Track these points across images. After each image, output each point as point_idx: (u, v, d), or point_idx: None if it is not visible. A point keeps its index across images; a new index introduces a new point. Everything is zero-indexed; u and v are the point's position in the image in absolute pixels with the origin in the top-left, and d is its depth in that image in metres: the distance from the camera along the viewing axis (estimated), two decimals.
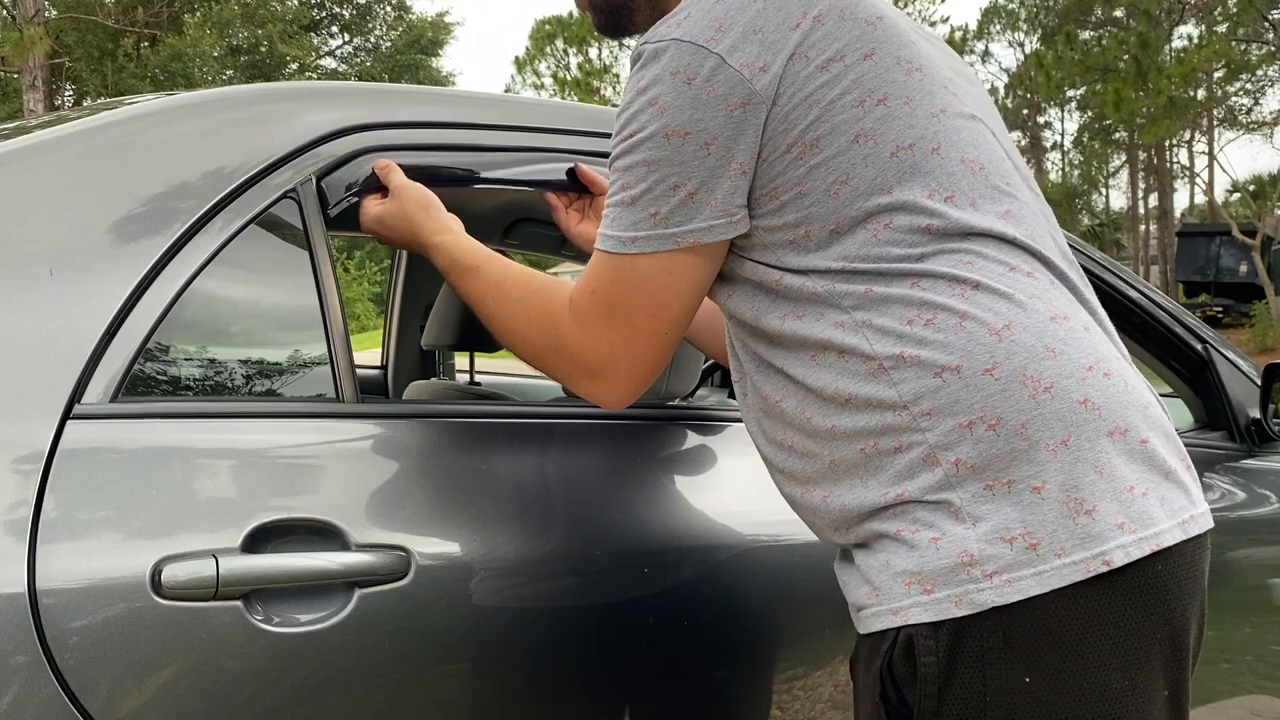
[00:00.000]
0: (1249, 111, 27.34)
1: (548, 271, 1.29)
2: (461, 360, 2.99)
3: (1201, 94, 22.72)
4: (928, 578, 0.86)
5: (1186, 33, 24.18)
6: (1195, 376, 1.86)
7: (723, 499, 1.30)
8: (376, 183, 1.22)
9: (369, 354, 3.31)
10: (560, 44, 29.55)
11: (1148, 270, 32.26)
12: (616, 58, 26.99)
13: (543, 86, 30.20)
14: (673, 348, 1.00)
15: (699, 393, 2.74)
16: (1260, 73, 24.74)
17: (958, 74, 1.00)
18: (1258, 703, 1.76)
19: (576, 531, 1.19)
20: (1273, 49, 21.79)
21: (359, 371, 1.79)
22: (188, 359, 1.13)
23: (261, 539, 1.02)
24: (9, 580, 0.92)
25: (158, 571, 0.97)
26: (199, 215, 1.11)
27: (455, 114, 1.34)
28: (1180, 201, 39.20)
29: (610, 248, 0.96)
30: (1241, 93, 26.38)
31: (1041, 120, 40.76)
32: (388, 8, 24.87)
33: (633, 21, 1.11)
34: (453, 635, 1.10)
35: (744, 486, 1.26)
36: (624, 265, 0.96)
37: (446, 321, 2.18)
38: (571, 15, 27.59)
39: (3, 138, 1.17)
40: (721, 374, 3.13)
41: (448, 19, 26.07)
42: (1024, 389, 0.86)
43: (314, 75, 22.98)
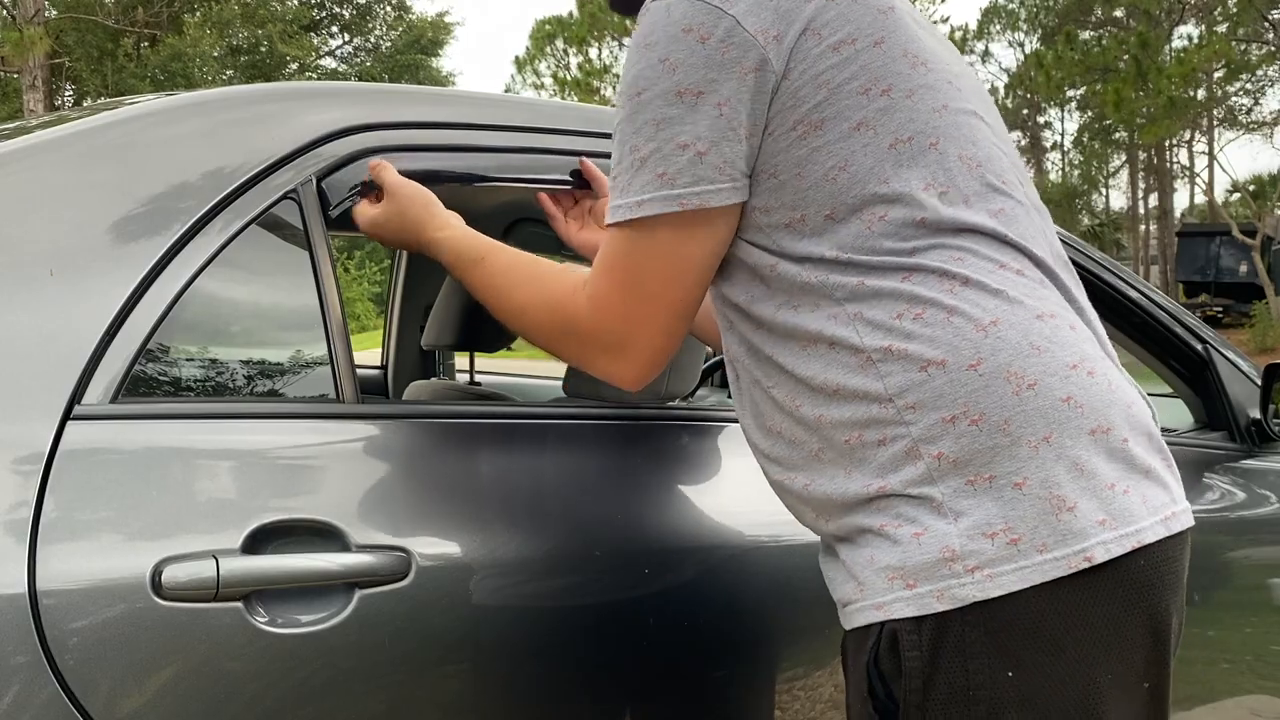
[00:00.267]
0: (1249, 111, 27.34)
1: None
2: (461, 360, 2.99)
3: (1201, 94, 22.71)
4: (910, 573, 0.87)
5: (1186, 33, 24.18)
6: (1195, 376, 1.86)
7: (723, 499, 1.30)
8: (371, 186, 1.22)
9: (369, 354, 3.31)
10: (560, 44, 29.54)
11: (1148, 270, 32.26)
12: (616, 58, 27.00)
13: (543, 86, 30.21)
14: (687, 321, 0.99)
15: (699, 393, 2.75)
16: (1260, 73, 24.73)
17: (960, 71, 1.00)
18: (1258, 703, 1.76)
19: (576, 532, 1.19)
20: (1273, 49, 21.79)
21: (359, 371, 1.79)
22: (188, 359, 1.13)
23: (262, 540, 1.02)
24: (9, 581, 0.92)
25: (158, 572, 0.97)
26: (199, 215, 1.11)
27: (456, 114, 1.34)
28: (1180, 201, 39.23)
29: (620, 217, 0.95)
30: (1241, 93, 26.38)
31: (1041, 120, 40.76)
32: (388, 8, 24.86)
33: None
34: (453, 636, 1.10)
35: (744, 487, 1.26)
36: (635, 235, 0.95)
37: (446, 321, 2.18)
38: (571, 15, 27.60)
39: (3, 138, 1.17)
40: (721, 374, 3.13)
41: (448, 19, 26.05)
42: (1007, 385, 0.87)
43: (314, 75, 22.98)
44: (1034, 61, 25.01)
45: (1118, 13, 27.79)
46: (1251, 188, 29.77)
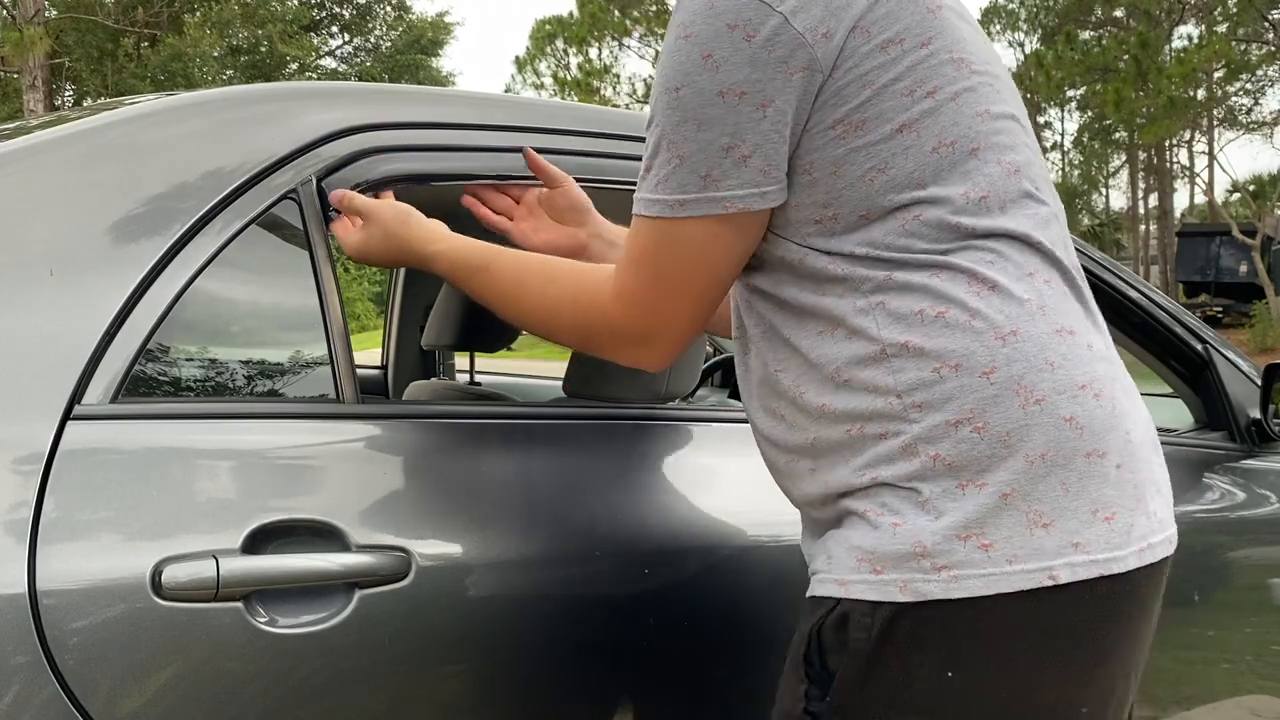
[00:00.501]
0: (1249, 111, 27.37)
1: None
2: (461, 360, 2.99)
3: (1201, 94, 22.73)
4: (879, 559, 0.87)
5: (1186, 33, 24.21)
6: (1195, 376, 1.86)
7: (723, 499, 1.30)
8: (336, 212, 1.20)
9: (369, 354, 3.31)
10: (560, 44, 29.53)
11: (1148, 270, 32.25)
12: (616, 58, 27.02)
13: (543, 86, 30.20)
14: (716, 304, 0.98)
15: (699, 393, 2.75)
16: (1260, 73, 24.76)
17: (998, 72, 0.98)
18: (1258, 703, 1.76)
19: (577, 532, 1.19)
20: (1273, 49, 21.80)
21: (359, 371, 1.79)
22: (188, 360, 1.13)
23: (262, 540, 1.02)
24: (9, 581, 0.92)
25: (158, 572, 0.97)
26: (199, 216, 1.11)
27: (455, 114, 1.34)
28: (1180, 201, 39.24)
29: (658, 212, 0.92)
30: (1241, 93, 26.41)
31: (1041, 120, 40.75)
32: (388, 8, 24.87)
33: None
34: (453, 636, 1.10)
35: (744, 486, 1.26)
36: (669, 231, 0.92)
37: (446, 321, 2.18)
38: (571, 15, 27.60)
39: (3, 138, 1.17)
40: (722, 374, 3.13)
41: (448, 19, 26.06)
42: (1016, 398, 0.86)
43: (314, 75, 22.98)
44: (1034, 61, 25.01)
45: (1118, 13, 27.79)
46: (1251, 188, 29.79)
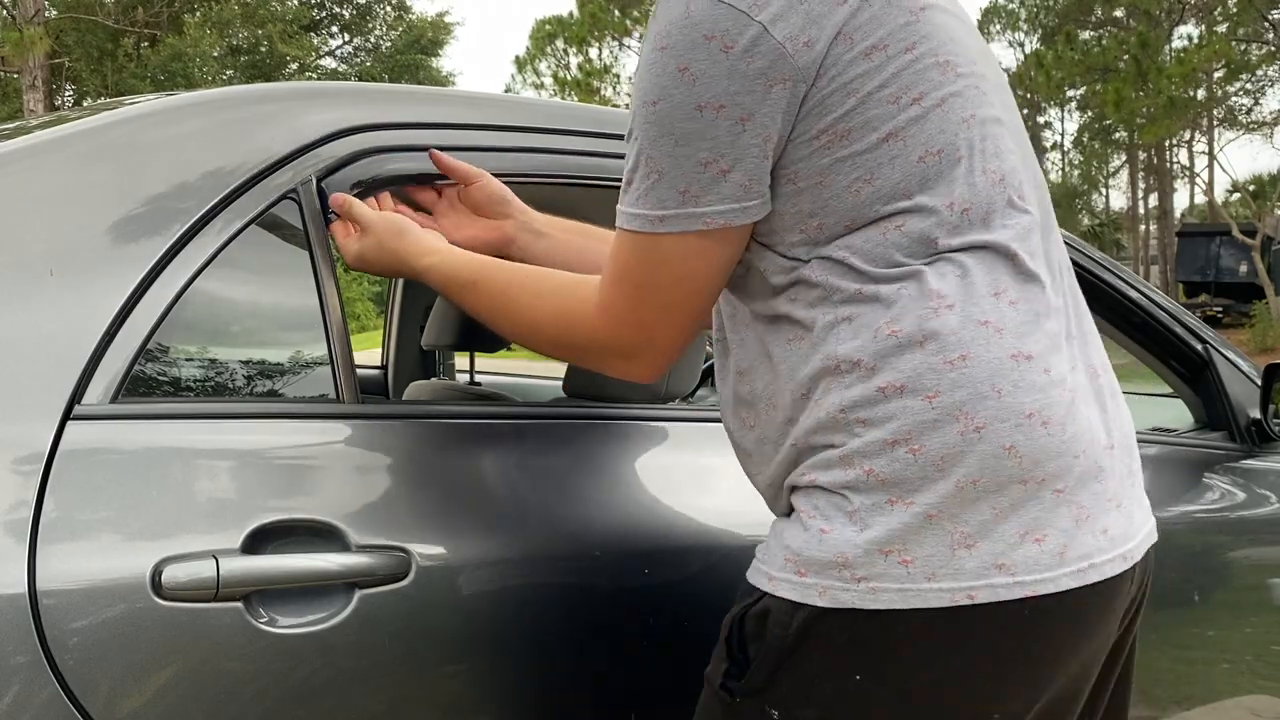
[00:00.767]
0: (1249, 111, 27.36)
1: None
2: (461, 360, 2.99)
3: (1201, 94, 22.73)
4: (804, 562, 0.89)
5: (1186, 33, 24.20)
6: (1195, 376, 1.86)
7: (723, 499, 1.30)
8: (335, 215, 1.19)
9: (369, 354, 3.31)
10: (560, 44, 29.52)
11: (1148, 270, 32.25)
12: (616, 58, 27.02)
13: (543, 86, 30.19)
14: (705, 315, 0.98)
15: (699, 393, 2.75)
16: (1260, 73, 24.75)
17: (984, 71, 0.96)
18: (1258, 703, 1.76)
19: (576, 532, 1.19)
20: (1273, 49, 21.79)
21: (359, 371, 1.79)
22: (188, 360, 1.13)
23: (262, 540, 1.02)
24: (9, 581, 0.92)
25: (158, 572, 0.96)
26: (199, 216, 1.11)
27: (456, 114, 1.34)
28: (1180, 201, 39.23)
29: (638, 227, 0.91)
30: (1241, 93, 26.40)
31: (1041, 120, 40.76)
32: (388, 8, 24.86)
33: None
34: (453, 636, 1.10)
35: (744, 486, 1.26)
36: (650, 247, 0.91)
37: (446, 321, 2.18)
38: (571, 15, 27.59)
39: (3, 138, 1.17)
40: None
41: (448, 19, 26.05)
42: (956, 424, 0.85)
43: (314, 75, 22.97)
44: (1034, 61, 25.01)
45: (1118, 13, 27.79)
46: (1251, 188, 29.77)
